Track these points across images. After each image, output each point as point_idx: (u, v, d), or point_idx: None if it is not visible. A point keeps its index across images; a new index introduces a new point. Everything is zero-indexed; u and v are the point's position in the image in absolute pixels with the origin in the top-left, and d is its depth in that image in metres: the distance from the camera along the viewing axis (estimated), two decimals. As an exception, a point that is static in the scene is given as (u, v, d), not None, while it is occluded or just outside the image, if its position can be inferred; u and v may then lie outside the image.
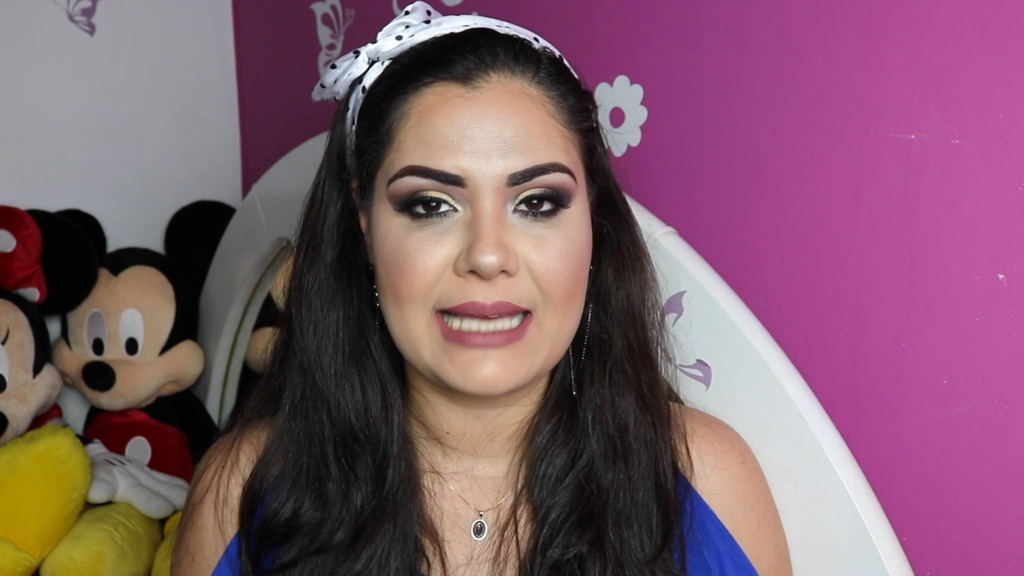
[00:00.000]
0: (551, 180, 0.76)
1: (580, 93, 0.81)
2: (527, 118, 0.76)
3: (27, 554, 1.47)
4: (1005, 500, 0.86)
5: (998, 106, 0.82)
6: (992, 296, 0.84)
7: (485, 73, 0.76)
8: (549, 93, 0.78)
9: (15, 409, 1.63)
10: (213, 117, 2.04)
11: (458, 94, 0.76)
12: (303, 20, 1.81)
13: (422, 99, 0.77)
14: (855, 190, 0.93)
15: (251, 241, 1.76)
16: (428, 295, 0.76)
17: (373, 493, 0.82)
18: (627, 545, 0.81)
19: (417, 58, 0.79)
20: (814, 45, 0.95)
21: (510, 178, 0.74)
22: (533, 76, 0.78)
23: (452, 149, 0.74)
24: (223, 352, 1.88)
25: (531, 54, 0.79)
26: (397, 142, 0.77)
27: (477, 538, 0.85)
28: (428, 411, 0.85)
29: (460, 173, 0.74)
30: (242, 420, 0.91)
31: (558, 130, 0.78)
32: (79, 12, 1.87)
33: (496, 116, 0.75)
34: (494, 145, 0.74)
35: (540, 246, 0.76)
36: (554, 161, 0.76)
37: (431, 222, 0.76)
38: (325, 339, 0.83)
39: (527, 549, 0.83)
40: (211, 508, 0.88)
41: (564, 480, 0.83)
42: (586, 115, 0.82)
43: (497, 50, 0.78)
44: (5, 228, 1.70)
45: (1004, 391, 0.84)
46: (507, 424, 0.85)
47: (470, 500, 0.86)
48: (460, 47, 0.78)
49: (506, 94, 0.76)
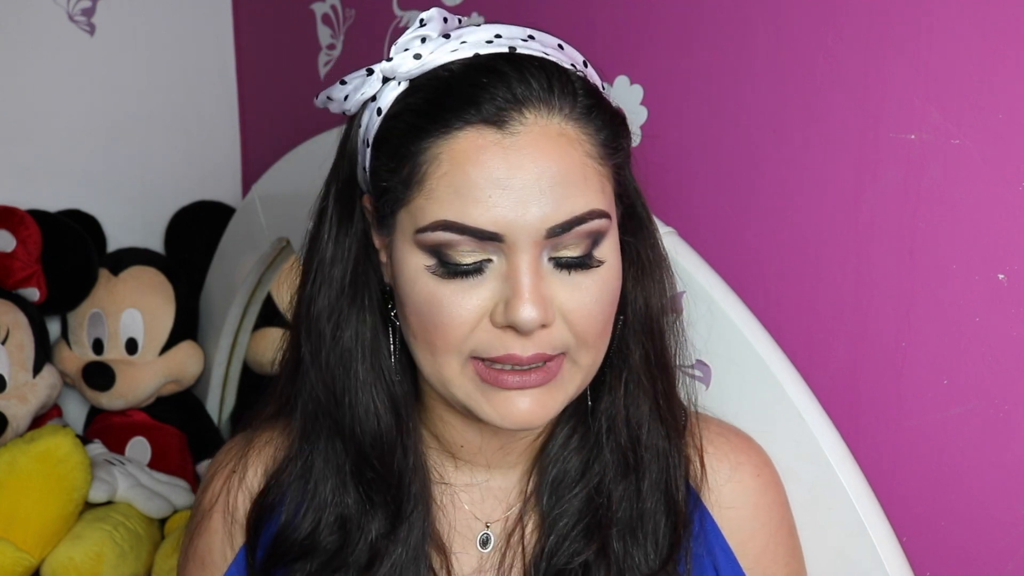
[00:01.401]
0: (589, 228, 0.73)
1: (616, 123, 0.78)
2: (565, 163, 0.72)
3: (27, 554, 1.47)
4: (1005, 500, 0.86)
5: (998, 106, 0.82)
6: (992, 296, 0.84)
7: (519, 113, 0.71)
8: (586, 130, 0.74)
9: (15, 409, 1.63)
10: (213, 117, 2.04)
11: (493, 141, 0.71)
12: (303, 20, 1.81)
13: (453, 144, 0.71)
14: (855, 190, 0.93)
15: (251, 241, 1.76)
16: (463, 345, 0.74)
17: (388, 519, 0.82)
18: (631, 556, 0.81)
19: (442, 92, 0.73)
20: (814, 45, 0.95)
21: (548, 231, 0.71)
22: (570, 111, 0.74)
23: (488, 203, 0.70)
24: (223, 352, 1.88)
25: (566, 84, 0.74)
26: (427, 189, 0.72)
27: (483, 550, 0.85)
28: (443, 427, 0.84)
29: (496, 229, 0.70)
30: (251, 429, 0.91)
31: (595, 170, 0.74)
32: (79, 12, 1.87)
33: (533, 163, 0.71)
34: (531, 194, 0.70)
35: (576, 291, 0.74)
36: (592, 208, 0.73)
37: (464, 273, 0.73)
38: (338, 366, 0.80)
39: (532, 556, 0.83)
40: (220, 517, 0.88)
41: (574, 488, 0.82)
42: (618, 147, 0.78)
43: (530, 82, 0.72)
44: (5, 228, 1.70)
45: (1004, 391, 0.84)
46: (521, 436, 0.84)
47: (479, 512, 0.86)
48: (489, 82, 0.72)
49: (543, 138, 0.72)
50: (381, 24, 1.59)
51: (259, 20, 1.97)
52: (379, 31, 1.61)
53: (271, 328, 1.86)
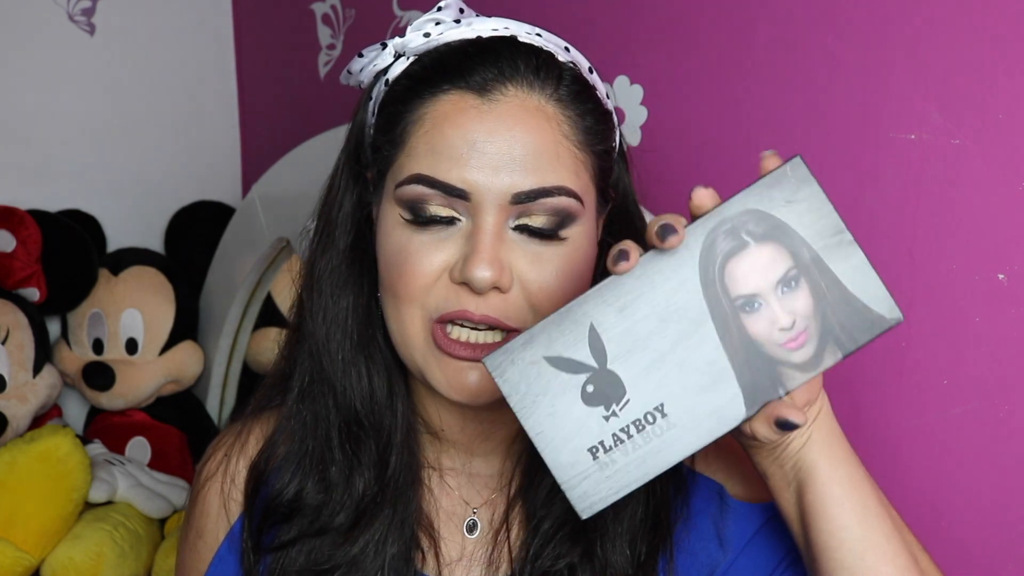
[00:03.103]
0: (555, 204, 0.75)
1: (600, 113, 0.80)
2: (539, 136, 0.75)
3: (27, 554, 1.47)
4: (1005, 500, 0.86)
5: (998, 106, 0.82)
6: (992, 296, 0.84)
7: (503, 85, 0.75)
8: (566, 112, 0.77)
9: (15, 409, 1.63)
10: (213, 117, 2.04)
11: (473, 105, 0.75)
12: (303, 20, 1.81)
13: (437, 106, 0.76)
14: (855, 190, 0.93)
15: (251, 241, 1.76)
16: (425, 298, 0.76)
17: (375, 479, 0.83)
18: (612, 561, 0.81)
19: (438, 61, 0.78)
20: (814, 45, 0.95)
21: (514, 196, 0.74)
22: (552, 93, 0.77)
23: (460, 161, 0.74)
24: (223, 352, 1.88)
25: (553, 68, 0.78)
26: (409, 146, 0.77)
27: (470, 536, 0.85)
28: (427, 406, 0.86)
29: (465, 187, 0.74)
30: (253, 406, 0.91)
31: (570, 151, 0.77)
32: (79, 12, 1.87)
33: (508, 131, 0.74)
34: (502, 161, 0.74)
35: (537, 264, 0.75)
36: (561, 184, 0.75)
37: (434, 228, 0.76)
38: (334, 325, 0.83)
39: (518, 555, 0.83)
40: (217, 488, 0.89)
41: (560, 491, 0.83)
42: (604, 136, 0.80)
43: (518, 62, 0.76)
44: (5, 228, 1.70)
45: (1004, 391, 0.84)
46: (502, 423, 0.85)
47: (466, 497, 0.86)
48: (481, 55, 0.76)
49: (521, 110, 0.75)
50: (381, 24, 1.59)
51: (259, 20, 1.97)
52: (379, 31, 1.61)
53: (271, 328, 1.86)
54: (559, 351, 0.62)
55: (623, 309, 0.62)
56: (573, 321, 0.62)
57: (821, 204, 0.61)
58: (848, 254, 0.61)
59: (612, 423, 0.62)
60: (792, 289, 0.61)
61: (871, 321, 0.61)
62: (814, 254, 0.61)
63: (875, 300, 0.61)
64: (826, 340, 0.61)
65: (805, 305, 0.61)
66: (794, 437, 0.68)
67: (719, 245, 0.62)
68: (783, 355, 0.62)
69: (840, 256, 0.61)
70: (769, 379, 0.61)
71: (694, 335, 0.62)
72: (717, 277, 0.61)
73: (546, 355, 0.63)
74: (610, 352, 0.62)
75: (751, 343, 0.61)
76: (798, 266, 0.61)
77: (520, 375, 0.63)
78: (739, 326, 0.61)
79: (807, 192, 0.61)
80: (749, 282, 0.61)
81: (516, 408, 0.63)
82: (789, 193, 0.61)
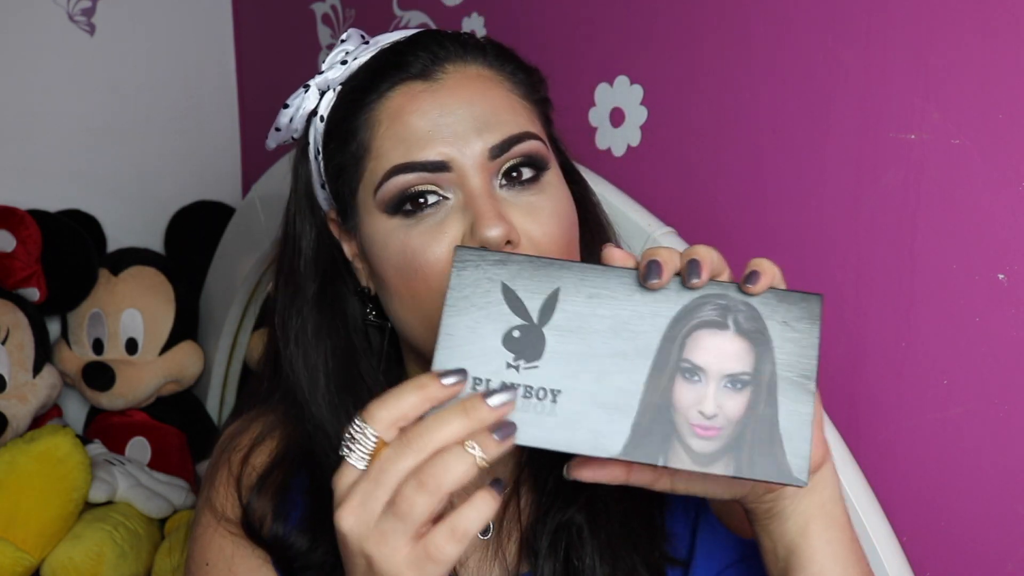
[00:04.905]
0: (528, 148, 0.78)
1: (527, 68, 0.85)
2: (490, 96, 0.79)
3: (27, 554, 1.47)
4: (1005, 500, 0.86)
5: (998, 106, 0.82)
6: (992, 296, 0.84)
7: (440, 66, 0.79)
8: (502, 72, 0.82)
9: (15, 409, 1.63)
10: (213, 117, 2.04)
11: (421, 89, 0.78)
12: (303, 20, 1.81)
13: (388, 103, 0.79)
14: (855, 190, 0.93)
15: (251, 241, 1.76)
16: (445, 285, 0.77)
17: None
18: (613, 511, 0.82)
19: (372, 69, 0.82)
20: (814, 45, 0.95)
21: (490, 152, 0.76)
22: (483, 60, 0.81)
23: (429, 139, 0.76)
24: (223, 352, 1.88)
25: (474, 41, 0.83)
26: (374, 150, 0.79)
27: (483, 536, 0.85)
28: None
29: (443, 158, 0.76)
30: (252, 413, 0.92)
31: (520, 103, 0.81)
32: (79, 12, 1.87)
33: (461, 100, 0.78)
34: (467, 126, 0.77)
35: (533, 214, 0.78)
36: (526, 130, 0.79)
37: (426, 215, 0.77)
38: (315, 372, 0.84)
39: (528, 520, 0.84)
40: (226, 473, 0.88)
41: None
42: (537, 87, 0.85)
43: (445, 44, 0.81)
44: (5, 228, 1.70)
45: (1004, 391, 0.84)
46: None
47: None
48: (411, 49, 0.81)
49: (465, 79, 0.79)
50: (381, 24, 1.59)
51: (259, 20, 1.97)
52: (379, 31, 1.60)
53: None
54: (517, 288, 0.64)
55: (592, 297, 0.63)
56: (548, 275, 0.64)
57: (810, 346, 0.62)
58: (802, 400, 0.61)
59: (510, 373, 0.62)
60: (734, 390, 0.62)
61: (778, 467, 0.61)
62: (774, 379, 0.62)
63: (794, 454, 0.61)
64: (730, 451, 0.61)
65: (735, 409, 0.62)
66: (790, 515, 0.69)
67: (705, 311, 0.63)
68: (686, 433, 0.62)
69: (794, 396, 0.61)
70: (660, 442, 0.61)
71: (630, 360, 0.62)
72: (683, 333, 0.62)
73: (506, 283, 0.64)
74: (554, 320, 0.63)
75: (668, 404, 0.62)
76: (753, 376, 0.62)
77: (474, 281, 0.64)
78: (670, 382, 0.62)
79: (806, 329, 0.62)
80: (705, 356, 0.62)
81: (449, 302, 0.64)
82: (792, 318, 0.62)
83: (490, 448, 0.59)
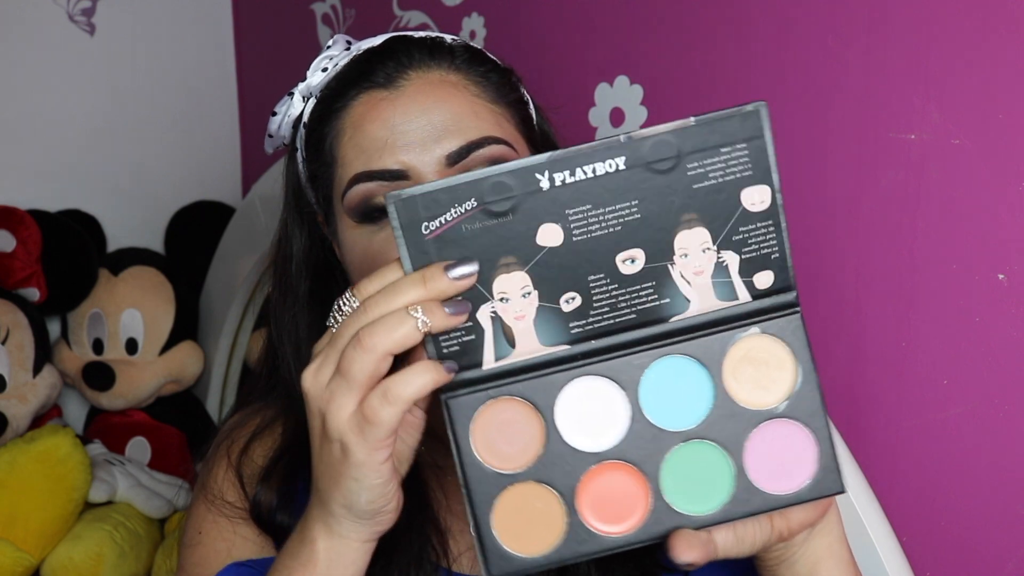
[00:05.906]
0: (488, 152, 0.77)
1: (501, 70, 0.84)
2: (451, 102, 0.78)
3: (27, 554, 1.47)
4: (1005, 500, 0.86)
5: (998, 106, 0.82)
6: (992, 296, 0.84)
7: (403, 73, 0.79)
8: (469, 76, 0.81)
9: (15, 409, 1.63)
10: (213, 117, 2.04)
11: (382, 97, 0.78)
12: (303, 20, 1.81)
13: (351, 112, 0.79)
14: (855, 190, 0.93)
15: (251, 241, 1.76)
16: None
17: None
18: None
19: (341, 78, 0.82)
20: (814, 45, 0.95)
21: (447, 159, 0.76)
22: (449, 65, 0.81)
23: (388, 147, 0.77)
24: (223, 352, 1.88)
25: (443, 47, 0.82)
26: (340, 158, 0.79)
27: None
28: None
29: (401, 167, 0.76)
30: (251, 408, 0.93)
31: (486, 107, 0.80)
32: (79, 12, 1.87)
33: (421, 107, 0.77)
34: (426, 133, 0.77)
35: None
36: (487, 135, 0.78)
37: (388, 223, 0.77)
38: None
39: None
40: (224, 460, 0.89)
41: None
42: (512, 87, 0.84)
43: (412, 51, 0.81)
44: (5, 228, 1.70)
45: (1004, 391, 0.84)
46: None
47: None
48: (378, 57, 0.81)
49: (427, 85, 0.79)
50: (381, 24, 1.59)
51: (259, 20, 1.97)
52: (379, 31, 1.60)
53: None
54: None
55: None
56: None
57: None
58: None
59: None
60: None
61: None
62: None
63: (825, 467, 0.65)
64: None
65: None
66: (799, 560, 0.69)
67: None
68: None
69: None
70: None
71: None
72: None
73: None
74: None
75: None
76: None
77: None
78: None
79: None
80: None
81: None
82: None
83: (436, 317, 0.59)
